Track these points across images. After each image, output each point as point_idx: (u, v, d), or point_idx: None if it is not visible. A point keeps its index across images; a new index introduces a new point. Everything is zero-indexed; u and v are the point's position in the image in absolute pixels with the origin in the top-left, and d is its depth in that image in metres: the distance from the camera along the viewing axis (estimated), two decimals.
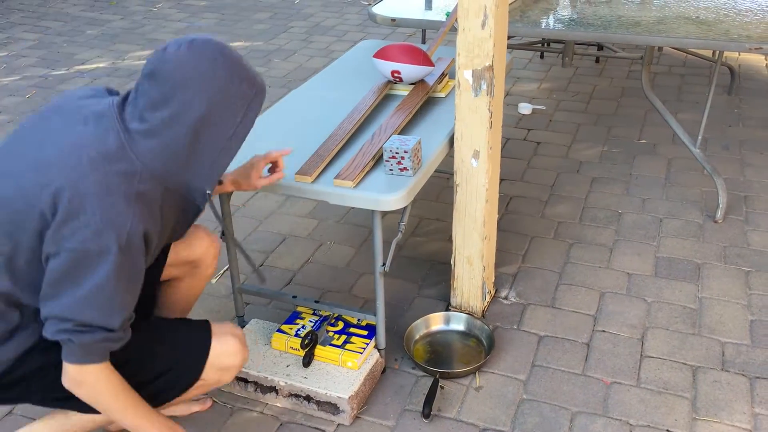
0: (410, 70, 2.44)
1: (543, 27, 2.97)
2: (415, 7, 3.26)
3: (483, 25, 2.05)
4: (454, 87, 2.55)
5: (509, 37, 3.55)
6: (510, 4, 3.19)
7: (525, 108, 4.02)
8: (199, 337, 1.79)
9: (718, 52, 3.00)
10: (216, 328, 1.81)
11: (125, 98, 1.57)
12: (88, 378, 1.56)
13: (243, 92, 1.56)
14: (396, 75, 2.47)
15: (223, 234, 2.22)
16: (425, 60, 2.45)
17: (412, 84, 2.52)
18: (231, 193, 2.19)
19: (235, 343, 1.80)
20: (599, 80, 4.43)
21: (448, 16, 3.07)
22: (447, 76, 2.62)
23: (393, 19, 3.13)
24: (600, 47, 4.12)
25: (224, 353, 1.78)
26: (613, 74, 4.51)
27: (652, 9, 3.09)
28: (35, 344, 1.62)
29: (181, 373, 1.76)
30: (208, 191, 1.60)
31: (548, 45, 4.06)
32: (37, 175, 1.48)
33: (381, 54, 2.45)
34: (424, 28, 3.23)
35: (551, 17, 3.05)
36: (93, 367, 1.55)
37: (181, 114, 1.50)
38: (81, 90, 1.66)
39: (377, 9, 3.24)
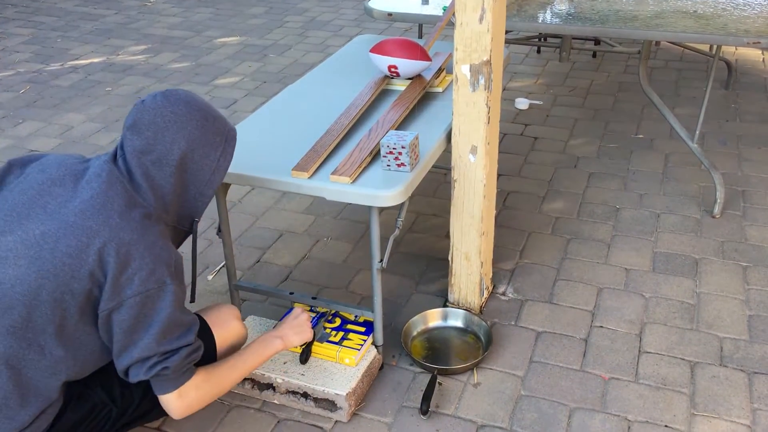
0: (407, 65, 2.43)
1: (540, 21, 2.95)
2: (411, 1, 3.25)
3: (481, 19, 2.04)
4: (451, 82, 2.55)
5: (506, 32, 3.54)
6: None
7: (522, 103, 4.01)
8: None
9: (715, 46, 3.00)
10: (213, 317, 1.91)
11: (113, 156, 1.65)
12: (191, 394, 1.66)
13: (218, 128, 1.70)
14: (393, 70, 2.46)
15: (219, 230, 2.22)
16: (422, 55, 2.43)
17: (409, 79, 2.51)
18: (227, 189, 2.19)
19: (237, 326, 1.95)
20: (596, 75, 4.42)
21: (445, 10, 3.06)
22: (444, 71, 2.60)
23: (390, 14, 3.12)
24: (597, 42, 4.11)
25: (229, 338, 1.92)
26: (610, 69, 4.50)
27: (650, 3, 3.08)
28: (63, 407, 1.66)
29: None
30: (196, 219, 1.74)
31: (545, 40, 4.04)
32: (72, 240, 1.53)
33: (378, 49, 2.43)
34: (421, 23, 3.22)
35: (548, 12, 3.04)
36: (187, 384, 1.65)
37: (167, 155, 1.62)
38: (56, 157, 1.69)
39: (374, 3, 3.23)
